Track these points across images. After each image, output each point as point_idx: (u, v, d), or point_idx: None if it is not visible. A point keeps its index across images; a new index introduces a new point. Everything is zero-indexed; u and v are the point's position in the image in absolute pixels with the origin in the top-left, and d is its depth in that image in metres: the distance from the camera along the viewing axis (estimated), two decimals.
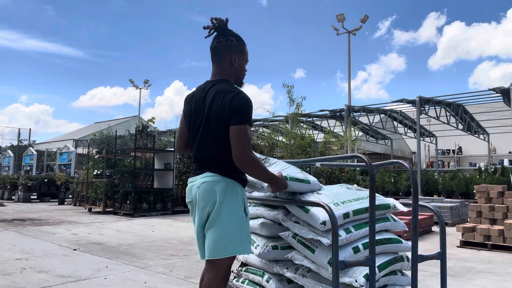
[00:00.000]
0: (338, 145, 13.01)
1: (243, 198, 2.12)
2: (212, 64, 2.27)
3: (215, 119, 2.09)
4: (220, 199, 2.05)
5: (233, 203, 2.06)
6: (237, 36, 2.25)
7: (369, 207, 2.11)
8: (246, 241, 2.09)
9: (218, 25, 2.20)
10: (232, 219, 2.05)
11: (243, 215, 2.09)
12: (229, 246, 2.03)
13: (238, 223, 2.06)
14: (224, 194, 2.06)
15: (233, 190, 2.09)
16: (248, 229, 2.12)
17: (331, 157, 2.65)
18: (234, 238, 2.04)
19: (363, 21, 18.23)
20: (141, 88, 31.43)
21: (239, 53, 2.23)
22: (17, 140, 44.80)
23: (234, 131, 2.01)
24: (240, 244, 2.06)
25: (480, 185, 6.82)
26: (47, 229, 7.74)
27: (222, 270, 2.08)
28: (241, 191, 2.13)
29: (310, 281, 2.32)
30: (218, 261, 2.06)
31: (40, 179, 15.85)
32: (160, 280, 4.08)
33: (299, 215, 2.36)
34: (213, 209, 2.06)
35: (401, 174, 14.50)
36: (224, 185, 2.07)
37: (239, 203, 2.09)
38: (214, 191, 2.07)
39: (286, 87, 12.59)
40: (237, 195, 2.09)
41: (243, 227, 2.08)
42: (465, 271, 4.69)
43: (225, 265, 2.08)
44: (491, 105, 15.94)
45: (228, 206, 2.05)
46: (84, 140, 23.40)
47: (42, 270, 4.45)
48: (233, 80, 2.25)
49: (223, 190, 2.06)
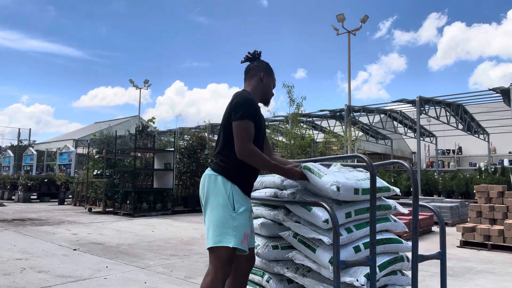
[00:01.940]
0: (338, 145, 13.01)
1: (231, 193, 2.25)
2: (244, 83, 2.55)
3: (223, 120, 2.35)
4: (207, 193, 2.28)
5: (217, 198, 2.24)
6: (268, 63, 2.57)
7: (370, 207, 2.11)
8: (231, 233, 2.18)
9: (253, 54, 2.55)
10: (217, 212, 2.22)
11: (229, 208, 2.22)
12: (214, 237, 2.18)
13: (223, 215, 2.20)
14: (211, 188, 2.27)
15: (220, 185, 2.25)
16: (236, 223, 2.21)
17: (331, 157, 2.66)
18: (218, 229, 2.19)
19: (363, 21, 18.23)
20: (141, 88, 31.42)
21: (268, 73, 2.52)
22: (17, 140, 44.82)
23: (233, 126, 2.23)
24: (224, 235, 2.17)
25: (480, 185, 6.82)
26: (47, 229, 7.74)
27: (218, 261, 2.18)
28: (232, 188, 2.26)
29: (310, 280, 2.32)
30: (213, 252, 2.20)
31: (40, 179, 15.85)
32: (160, 280, 4.08)
33: (300, 214, 2.36)
34: (204, 202, 2.31)
35: (401, 174, 14.49)
36: (213, 180, 2.28)
37: (224, 198, 2.23)
38: (204, 185, 2.31)
39: (286, 87, 12.60)
40: (223, 191, 2.24)
41: (228, 219, 2.20)
42: (465, 271, 4.69)
43: (220, 256, 2.18)
44: (491, 105, 15.94)
45: (213, 200, 2.25)
46: (84, 140, 23.41)
47: (42, 270, 4.45)
48: (259, 95, 2.48)
49: (211, 185, 2.27)
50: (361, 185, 2.31)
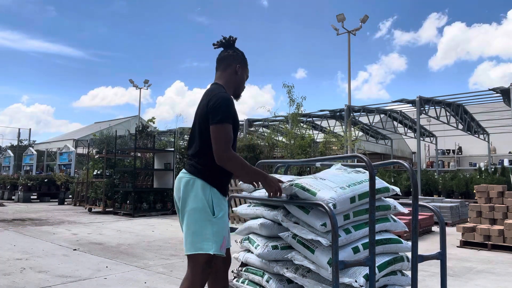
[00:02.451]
0: (338, 145, 13.00)
1: (210, 198, 2.18)
2: (215, 73, 2.38)
3: (198, 119, 2.24)
4: (184, 197, 2.18)
5: (196, 203, 2.15)
6: (243, 53, 2.42)
7: (369, 207, 2.11)
8: (212, 239, 2.13)
9: (228, 40, 2.37)
10: (195, 216, 2.14)
11: (208, 213, 2.15)
12: (194, 243, 2.12)
13: (202, 221, 2.13)
14: (189, 193, 2.18)
15: (199, 190, 2.17)
16: (216, 228, 2.15)
17: (331, 157, 2.65)
18: (197, 235, 2.12)
19: (363, 21, 18.23)
20: (141, 88, 31.45)
21: (244, 65, 2.39)
22: (17, 140, 44.81)
23: (212, 130, 2.12)
24: (204, 241, 2.12)
25: (480, 185, 6.82)
26: (47, 229, 7.73)
27: (197, 266, 2.13)
28: (210, 191, 2.19)
29: (310, 281, 2.32)
30: (192, 258, 2.14)
31: (40, 179, 15.85)
32: (160, 280, 4.08)
33: (299, 215, 2.36)
34: (181, 206, 2.21)
35: (401, 174, 14.49)
36: (191, 184, 2.18)
37: (204, 203, 2.15)
38: (180, 188, 2.22)
39: (286, 87, 12.59)
40: (202, 195, 2.16)
41: (207, 225, 2.14)
42: (465, 271, 4.69)
43: (200, 262, 2.13)
44: (491, 105, 15.93)
45: (191, 205, 2.16)
46: (84, 140, 23.40)
47: (42, 270, 4.45)
48: (232, 89, 2.36)
49: (188, 188, 2.18)
50: (357, 190, 2.30)
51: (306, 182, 2.35)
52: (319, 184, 2.33)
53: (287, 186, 2.36)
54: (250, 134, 16.73)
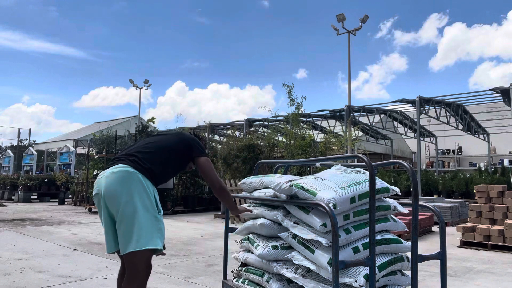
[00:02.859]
0: (338, 145, 12.99)
1: (153, 195, 2.26)
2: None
3: (167, 143, 2.54)
4: (131, 191, 2.18)
5: (143, 199, 2.20)
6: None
7: (369, 208, 2.10)
8: (157, 235, 2.20)
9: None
10: (145, 213, 2.17)
11: (155, 210, 2.23)
12: (141, 240, 2.14)
13: (151, 218, 2.19)
14: (136, 187, 2.20)
15: (148, 185, 2.25)
16: (161, 225, 2.24)
17: (331, 157, 2.65)
18: (148, 232, 2.16)
19: (363, 21, 18.22)
20: (141, 88, 31.44)
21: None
22: (17, 140, 44.82)
23: (202, 161, 2.51)
24: (153, 238, 2.17)
25: (480, 185, 6.82)
26: (47, 229, 7.74)
27: (142, 264, 2.17)
28: (154, 190, 2.29)
29: (310, 281, 2.32)
30: (138, 254, 2.15)
31: (40, 179, 15.84)
32: (160, 280, 4.08)
33: (299, 216, 2.36)
34: (121, 202, 2.16)
35: (401, 174, 14.49)
36: (136, 178, 2.22)
37: (150, 199, 2.22)
38: (124, 181, 2.20)
39: (286, 87, 12.58)
40: (148, 191, 2.23)
41: (154, 221, 2.20)
42: (465, 271, 4.69)
43: (146, 258, 2.18)
44: (491, 105, 15.93)
45: (139, 200, 2.18)
46: (84, 140, 23.40)
47: (42, 270, 4.45)
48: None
49: (135, 183, 2.21)
50: (357, 190, 2.30)
51: (306, 182, 2.35)
52: (319, 184, 2.33)
53: (287, 187, 2.36)
54: (250, 134, 16.73)
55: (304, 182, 2.36)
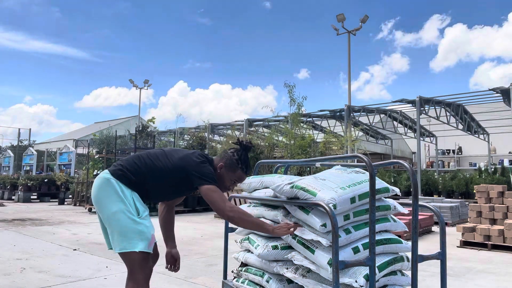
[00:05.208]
0: (338, 145, 13.00)
1: (132, 200, 2.28)
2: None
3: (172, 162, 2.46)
4: (105, 197, 2.26)
5: (117, 204, 2.23)
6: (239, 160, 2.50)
7: (369, 208, 2.10)
8: (138, 239, 2.21)
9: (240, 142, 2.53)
10: (120, 217, 2.21)
11: (133, 214, 2.24)
12: (120, 243, 2.20)
13: (127, 222, 2.21)
14: (110, 193, 2.25)
15: (125, 191, 2.27)
16: (141, 227, 2.24)
17: (331, 157, 2.65)
18: (123, 236, 2.20)
19: (363, 21, 18.22)
20: (141, 88, 31.43)
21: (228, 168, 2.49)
22: (17, 140, 44.82)
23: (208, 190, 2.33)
24: (130, 241, 2.20)
25: (480, 185, 6.82)
26: (47, 229, 7.74)
27: (133, 263, 2.21)
28: (132, 194, 2.29)
29: (310, 281, 2.32)
30: (125, 256, 2.21)
31: (40, 179, 15.84)
32: (160, 280, 4.08)
33: (299, 216, 2.36)
34: (100, 207, 2.26)
35: (401, 174, 14.49)
36: (112, 184, 2.26)
37: (126, 204, 2.24)
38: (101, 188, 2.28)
39: (287, 87, 12.60)
40: (122, 196, 2.25)
41: (132, 225, 2.22)
42: (465, 271, 4.69)
43: (134, 258, 2.21)
44: (491, 105, 15.93)
45: (113, 206, 2.23)
46: (84, 140, 23.40)
47: (42, 270, 4.45)
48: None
49: (109, 189, 2.26)
50: (357, 190, 2.30)
51: (306, 182, 2.35)
52: (319, 184, 2.33)
53: (288, 189, 2.36)
54: (250, 134, 16.73)
55: (304, 182, 2.36)
